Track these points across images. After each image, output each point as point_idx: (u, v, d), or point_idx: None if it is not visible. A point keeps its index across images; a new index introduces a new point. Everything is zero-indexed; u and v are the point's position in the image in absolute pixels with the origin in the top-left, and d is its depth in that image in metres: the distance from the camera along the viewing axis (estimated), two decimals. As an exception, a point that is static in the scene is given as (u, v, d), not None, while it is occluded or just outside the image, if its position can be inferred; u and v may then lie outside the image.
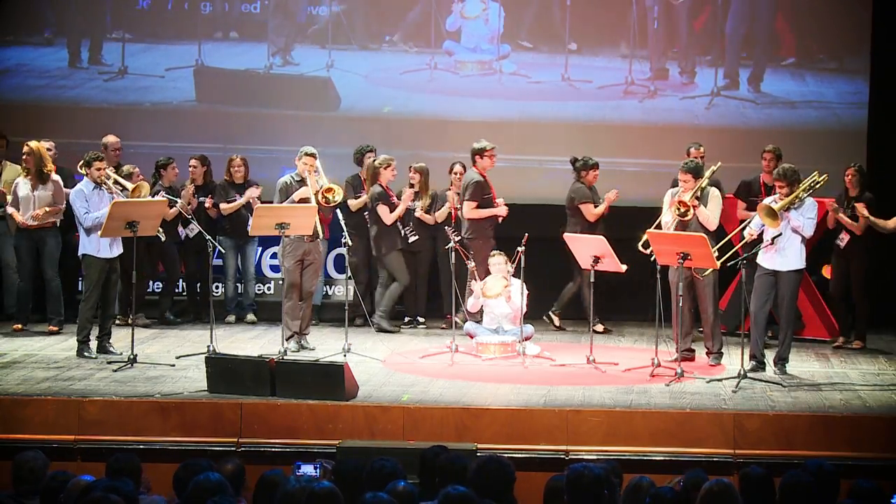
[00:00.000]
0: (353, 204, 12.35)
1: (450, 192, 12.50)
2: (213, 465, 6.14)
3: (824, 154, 11.58)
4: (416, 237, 12.46)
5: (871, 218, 11.27)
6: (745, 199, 11.81)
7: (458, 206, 12.17)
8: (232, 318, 12.71)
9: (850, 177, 11.46)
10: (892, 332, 12.06)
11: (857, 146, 12.84)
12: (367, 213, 12.45)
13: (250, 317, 12.73)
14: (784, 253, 10.03)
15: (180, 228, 12.50)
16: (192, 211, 12.26)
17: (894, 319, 12.31)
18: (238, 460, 6.71)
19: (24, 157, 11.73)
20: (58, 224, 11.82)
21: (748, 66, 13.49)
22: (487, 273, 11.34)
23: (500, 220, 11.88)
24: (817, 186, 10.13)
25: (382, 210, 12.22)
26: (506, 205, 11.89)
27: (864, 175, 11.53)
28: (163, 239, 11.50)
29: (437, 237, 12.40)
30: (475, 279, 11.29)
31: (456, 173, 12.43)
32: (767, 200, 10.17)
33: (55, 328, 11.77)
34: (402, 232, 12.37)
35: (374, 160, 12.32)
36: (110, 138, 12.61)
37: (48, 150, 11.96)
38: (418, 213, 12.48)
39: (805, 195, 10.03)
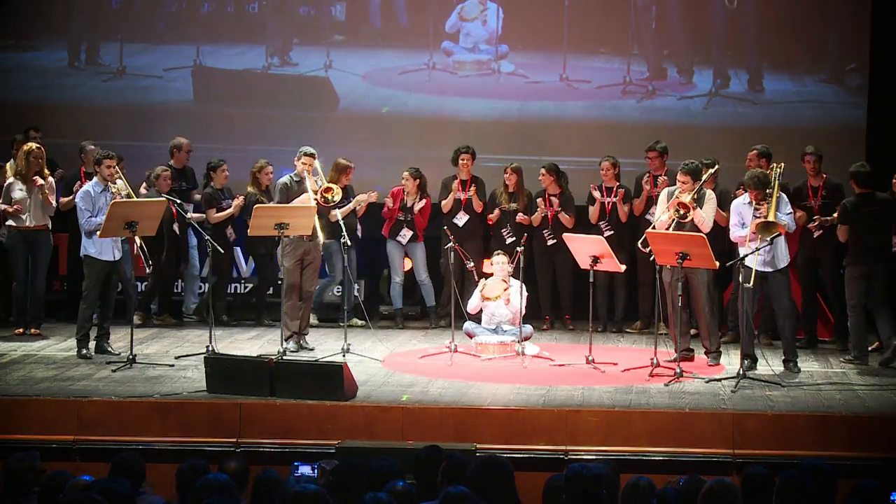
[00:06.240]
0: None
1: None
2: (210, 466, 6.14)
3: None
4: (514, 238, 12.12)
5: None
6: (797, 206, 11.07)
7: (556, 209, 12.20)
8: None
9: None
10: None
11: (855, 146, 12.84)
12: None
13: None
14: (767, 254, 9.98)
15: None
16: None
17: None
18: (242, 460, 6.70)
19: (32, 158, 11.36)
20: (49, 227, 11.64)
21: (746, 65, 13.49)
22: None
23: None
24: (781, 178, 10.11)
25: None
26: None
27: None
28: (147, 270, 11.43)
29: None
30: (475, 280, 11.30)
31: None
32: (738, 202, 10.11)
33: (36, 331, 11.58)
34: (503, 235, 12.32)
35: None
36: (89, 145, 12.05)
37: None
38: (520, 217, 12.32)
39: (777, 192, 10.01)
